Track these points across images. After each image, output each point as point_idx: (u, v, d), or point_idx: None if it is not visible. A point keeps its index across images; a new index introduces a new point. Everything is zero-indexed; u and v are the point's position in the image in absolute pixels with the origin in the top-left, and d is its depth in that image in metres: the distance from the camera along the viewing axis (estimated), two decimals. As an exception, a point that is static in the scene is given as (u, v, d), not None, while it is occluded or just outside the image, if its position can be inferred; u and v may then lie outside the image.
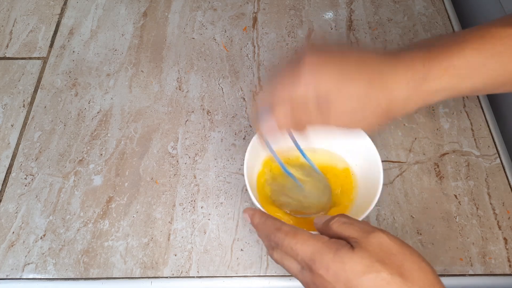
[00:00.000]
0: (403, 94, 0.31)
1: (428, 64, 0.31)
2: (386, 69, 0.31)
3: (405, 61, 0.31)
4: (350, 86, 0.31)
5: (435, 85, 0.31)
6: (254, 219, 0.35)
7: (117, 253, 0.43)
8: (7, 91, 0.55)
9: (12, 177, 0.48)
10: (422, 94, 0.31)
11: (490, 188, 0.46)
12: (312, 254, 0.29)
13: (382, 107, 0.31)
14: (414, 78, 0.31)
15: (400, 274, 0.26)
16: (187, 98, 0.53)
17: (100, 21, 0.61)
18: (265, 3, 0.63)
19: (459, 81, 0.31)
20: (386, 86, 0.31)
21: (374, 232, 0.29)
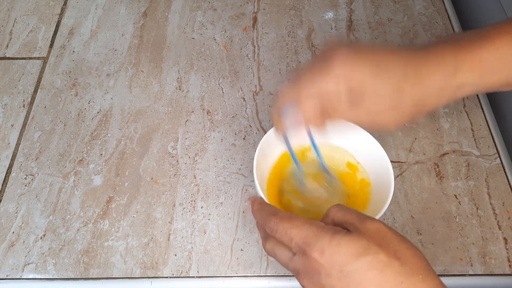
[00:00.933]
0: (436, 87, 0.31)
1: (460, 57, 0.31)
2: (419, 62, 0.31)
3: (436, 53, 0.31)
4: (385, 77, 0.31)
5: (466, 78, 0.31)
6: (253, 206, 0.35)
7: (117, 253, 0.43)
8: (7, 91, 0.55)
9: (12, 177, 0.48)
10: (453, 87, 0.31)
11: (490, 188, 0.46)
12: (306, 237, 0.28)
13: (416, 100, 0.31)
14: (445, 70, 0.31)
15: (397, 258, 0.26)
16: (187, 98, 0.53)
17: (100, 21, 0.61)
18: (265, 3, 0.63)
19: (490, 75, 0.31)
20: (420, 78, 0.31)
21: (370, 219, 0.29)
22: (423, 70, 0.31)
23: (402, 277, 0.26)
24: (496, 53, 0.31)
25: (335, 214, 0.30)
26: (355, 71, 0.31)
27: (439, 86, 0.31)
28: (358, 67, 0.31)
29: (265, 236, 0.33)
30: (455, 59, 0.31)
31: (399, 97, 0.31)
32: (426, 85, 0.31)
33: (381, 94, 0.31)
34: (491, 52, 0.31)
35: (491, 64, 0.31)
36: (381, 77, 0.31)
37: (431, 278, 0.26)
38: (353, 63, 0.31)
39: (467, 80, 0.31)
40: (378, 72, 0.31)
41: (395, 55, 0.32)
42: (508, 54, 0.31)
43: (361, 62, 0.31)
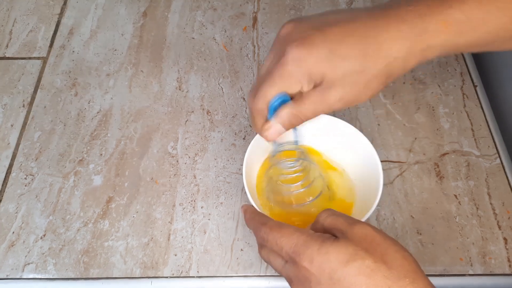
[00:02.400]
0: (401, 53, 0.30)
1: (426, 17, 0.29)
2: (377, 31, 0.30)
3: (397, 16, 0.30)
4: (344, 62, 0.30)
5: (434, 39, 0.29)
6: (245, 215, 0.35)
7: (117, 253, 0.43)
8: (7, 91, 0.55)
9: (12, 177, 0.48)
10: (421, 49, 0.30)
11: (490, 188, 0.46)
12: (296, 247, 0.29)
13: (382, 71, 0.30)
14: (410, 33, 0.29)
15: (384, 262, 0.26)
16: (187, 98, 0.53)
17: (100, 21, 0.61)
18: (265, 3, 0.62)
19: (459, 36, 0.30)
20: (381, 49, 0.30)
21: (359, 223, 0.29)
22: (383, 39, 0.29)
23: (390, 281, 0.26)
24: (464, 13, 0.29)
25: (324, 219, 0.31)
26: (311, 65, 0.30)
27: (403, 52, 0.30)
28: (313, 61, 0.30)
29: (260, 244, 0.33)
30: (421, 20, 0.29)
31: (363, 76, 0.30)
32: (388, 56, 0.30)
33: (343, 78, 0.30)
34: (460, 12, 0.29)
35: (461, 25, 0.29)
36: (339, 63, 0.30)
37: (419, 281, 0.27)
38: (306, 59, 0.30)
39: (436, 42, 0.30)
40: (334, 60, 0.30)
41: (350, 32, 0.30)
42: (476, 16, 0.29)
43: (315, 54, 0.30)
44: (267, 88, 0.31)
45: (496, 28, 0.30)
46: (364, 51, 0.30)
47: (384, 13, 0.30)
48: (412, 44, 0.30)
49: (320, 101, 0.31)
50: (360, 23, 0.30)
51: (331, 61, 0.30)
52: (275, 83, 0.31)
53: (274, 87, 0.31)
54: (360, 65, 0.30)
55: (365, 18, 0.30)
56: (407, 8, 0.30)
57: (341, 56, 0.30)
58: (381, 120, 0.51)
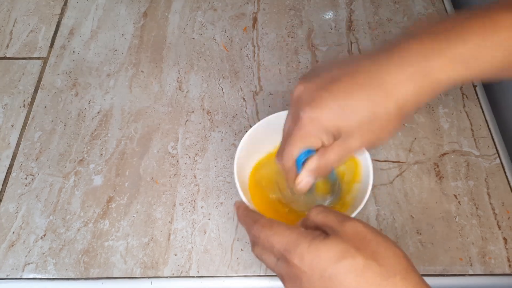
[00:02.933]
0: (410, 94, 0.30)
1: (430, 57, 0.30)
2: (381, 76, 0.31)
3: (400, 58, 0.31)
4: (355, 114, 0.31)
5: (442, 77, 0.30)
6: (238, 212, 0.36)
7: (117, 253, 0.43)
8: (7, 91, 0.55)
9: (13, 177, 0.48)
10: (429, 86, 0.31)
11: (490, 188, 0.46)
12: (287, 244, 0.29)
13: (395, 114, 0.31)
14: (416, 74, 0.30)
15: (375, 259, 0.26)
16: (187, 98, 0.54)
17: (100, 21, 0.61)
18: (265, 3, 0.63)
19: (466, 71, 0.30)
20: (389, 94, 0.30)
21: (350, 220, 0.29)
22: (389, 84, 0.30)
23: (380, 278, 0.26)
24: (470, 49, 0.30)
25: (315, 216, 0.31)
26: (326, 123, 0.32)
27: (411, 91, 0.30)
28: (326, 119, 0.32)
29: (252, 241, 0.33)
30: (425, 60, 0.30)
31: (376, 121, 0.31)
32: (398, 99, 0.31)
33: (359, 127, 0.32)
34: (465, 48, 0.30)
35: (464, 61, 0.30)
36: (350, 114, 0.31)
37: (410, 277, 0.27)
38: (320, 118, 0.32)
39: (443, 77, 0.30)
40: (345, 115, 0.31)
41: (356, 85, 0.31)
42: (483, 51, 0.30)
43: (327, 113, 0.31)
44: (291, 148, 0.34)
45: (501, 60, 0.30)
46: (372, 99, 0.31)
47: (387, 57, 0.31)
48: (420, 84, 0.30)
49: (343, 150, 0.33)
50: (364, 72, 0.31)
51: (343, 115, 0.31)
52: (297, 143, 0.33)
53: (297, 146, 0.33)
54: (371, 113, 0.31)
55: (368, 67, 0.31)
56: (409, 48, 0.31)
57: (350, 109, 0.31)
58: (381, 120, 0.51)
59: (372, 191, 0.46)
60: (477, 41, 0.30)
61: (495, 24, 0.30)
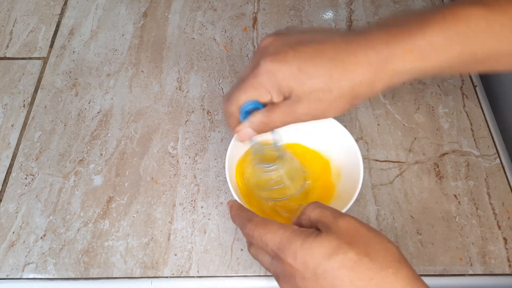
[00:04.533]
0: (366, 78, 0.31)
1: (391, 45, 0.31)
2: (346, 54, 0.31)
3: (366, 42, 0.31)
4: (310, 80, 0.32)
5: (399, 66, 0.31)
6: (232, 211, 0.36)
7: (117, 253, 0.43)
8: (7, 91, 0.55)
9: (12, 177, 0.48)
10: (387, 75, 0.31)
11: (490, 188, 0.46)
12: (280, 243, 0.29)
13: (347, 93, 0.32)
14: (376, 59, 0.31)
15: (367, 254, 0.27)
16: (187, 98, 0.54)
17: (100, 21, 0.61)
18: (265, 3, 0.63)
19: (424, 62, 0.31)
20: (347, 72, 0.31)
21: (344, 216, 0.29)
22: (350, 63, 0.31)
23: (372, 273, 0.26)
24: (428, 40, 0.30)
25: (311, 211, 0.31)
26: (281, 80, 0.32)
27: (368, 76, 0.31)
28: (282, 75, 0.32)
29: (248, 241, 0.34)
30: (387, 47, 0.31)
31: (328, 95, 0.32)
32: (353, 79, 0.31)
33: (309, 94, 0.32)
34: (424, 39, 0.30)
35: (425, 51, 0.31)
36: (307, 80, 0.32)
37: (402, 271, 0.27)
38: (276, 72, 0.32)
39: (401, 68, 0.31)
40: (302, 77, 0.32)
41: (321, 52, 0.32)
42: (440, 42, 0.30)
43: (286, 70, 0.32)
44: (239, 94, 0.34)
45: (458, 53, 0.31)
46: (330, 72, 0.31)
47: (356, 38, 0.32)
48: (377, 70, 0.31)
49: (288, 113, 0.34)
50: (332, 45, 0.32)
51: (299, 78, 0.32)
52: (247, 91, 0.34)
53: (245, 94, 0.34)
54: (326, 84, 0.32)
55: (337, 41, 0.32)
56: (376, 35, 0.32)
57: (308, 74, 0.32)
58: (380, 120, 0.51)
59: (372, 191, 0.46)
60: (435, 33, 0.30)
61: (454, 18, 0.30)
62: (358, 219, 0.30)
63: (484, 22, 0.30)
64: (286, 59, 0.32)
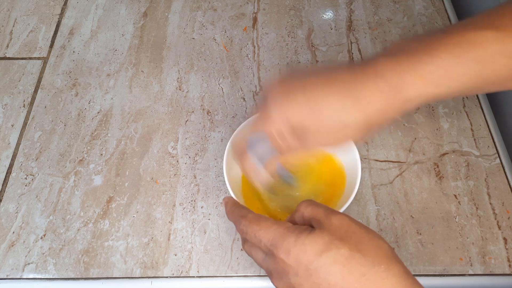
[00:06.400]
0: (378, 106, 0.31)
1: (401, 73, 0.30)
2: (355, 85, 0.31)
3: (375, 72, 0.31)
4: (321, 112, 0.31)
5: (412, 93, 0.31)
6: (226, 208, 0.36)
7: (117, 253, 0.43)
8: (7, 91, 0.55)
9: (12, 177, 0.48)
10: (399, 102, 0.31)
11: (490, 188, 0.46)
12: (273, 239, 0.29)
13: (361, 123, 0.32)
14: (387, 88, 0.30)
15: (359, 250, 0.27)
16: (187, 98, 0.54)
17: (100, 21, 0.61)
18: (265, 3, 0.63)
19: (437, 88, 0.31)
20: (359, 103, 0.31)
21: (337, 214, 0.30)
22: (360, 92, 0.31)
23: (364, 268, 0.27)
24: (441, 68, 0.30)
25: (304, 209, 0.31)
26: (290, 112, 0.32)
27: (381, 105, 0.31)
28: (291, 108, 0.32)
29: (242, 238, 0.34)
30: (397, 76, 0.30)
31: (341, 126, 0.32)
32: (366, 110, 0.31)
33: (322, 127, 0.32)
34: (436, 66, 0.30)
35: (435, 78, 0.30)
36: (317, 117, 0.32)
37: (394, 266, 0.27)
38: (286, 104, 0.32)
39: (413, 94, 0.31)
40: (313, 113, 0.32)
41: (329, 83, 0.32)
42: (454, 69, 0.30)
43: (294, 101, 0.32)
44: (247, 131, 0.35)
45: (473, 78, 0.30)
46: (342, 106, 0.31)
47: (363, 69, 0.32)
48: (390, 98, 0.31)
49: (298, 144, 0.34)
50: (340, 79, 0.32)
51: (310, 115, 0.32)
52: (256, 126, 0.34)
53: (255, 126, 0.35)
54: (338, 119, 0.31)
55: (345, 75, 0.32)
56: (384, 64, 0.31)
57: (319, 111, 0.32)
58: (381, 120, 0.51)
59: (372, 191, 0.46)
60: (448, 59, 0.30)
61: (466, 42, 0.30)
62: (350, 216, 0.30)
63: (499, 45, 0.30)
64: (295, 99, 0.32)
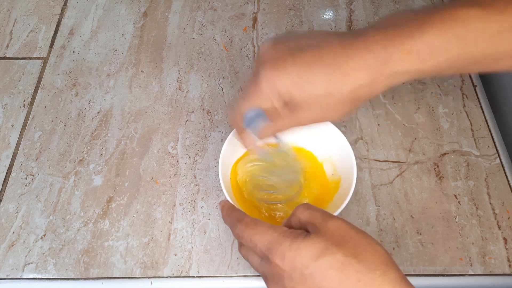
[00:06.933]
0: (365, 81, 0.31)
1: (389, 47, 0.31)
2: (344, 58, 0.31)
3: (364, 45, 0.31)
4: (310, 86, 0.32)
5: (398, 68, 0.31)
6: (223, 211, 0.36)
7: (117, 253, 0.43)
8: (7, 91, 0.55)
9: (13, 177, 0.48)
10: (386, 77, 0.31)
11: (490, 188, 0.46)
12: (269, 244, 0.29)
13: (348, 97, 0.32)
14: (375, 62, 0.31)
15: (355, 255, 0.27)
16: (187, 98, 0.54)
17: (100, 21, 0.61)
18: (265, 3, 0.63)
19: (422, 63, 0.31)
20: (347, 76, 0.31)
21: (333, 218, 0.29)
22: (349, 66, 0.31)
23: (360, 274, 0.26)
24: (426, 42, 0.30)
25: (301, 213, 0.31)
26: (281, 85, 0.32)
27: (368, 79, 0.31)
28: (282, 82, 0.32)
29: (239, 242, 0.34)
30: (385, 49, 0.31)
31: (329, 99, 0.32)
32: (353, 83, 0.31)
33: (311, 100, 0.32)
34: (422, 41, 0.30)
35: (423, 53, 0.30)
36: (306, 85, 0.32)
37: (390, 272, 0.27)
38: (277, 77, 0.32)
39: (400, 69, 0.31)
40: (301, 84, 0.32)
41: (319, 57, 0.32)
42: (438, 44, 0.30)
43: (284, 76, 0.32)
44: (241, 102, 0.35)
45: (456, 54, 0.31)
46: (329, 77, 0.32)
47: (353, 42, 0.32)
48: (377, 72, 0.31)
49: (290, 118, 0.34)
50: (330, 50, 0.32)
51: (298, 84, 0.32)
52: (248, 99, 0.34)
53: (247, 101, 0.35)
54: (325, 90, 0.32)
55: (335, 45, 0.32)
56: (373, 38, 0.31)
57: (307, 80, 0.32)
58: (380, 120, 0.51)
59: (372, 191, 0.46)
60: (434, 35, 0.30)
61: (452, 19, 0.30)
62: (347, 221, 0.30)
63: (481, 23, 0.30)
64: (285, 66, 0.32)
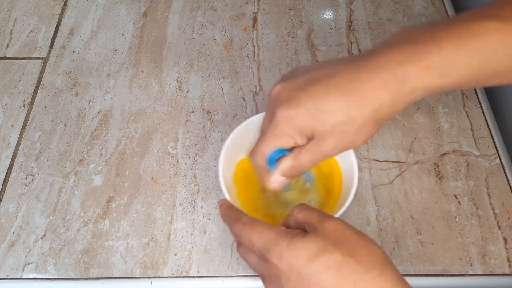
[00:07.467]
0: (386, 99, 0.31)
1: (405, 63, 0.30)
2: (359, 81, 0.31)
3: (378, 64, 0.31)
4: (330, 114, 0.31)
5: (418, 83, 0.30)
6: (221, 210, 0.36)
7: (117, 253, 0.43)
8: (7, 91, 0.55)
9: (12, 177, 0.48)
10: (406, 93, 0.31)
11: (490, 188, 0.46)
12: (266, 243, 0.29)
13: (370, 118, 0.31)
14: (392, 79, 0.30)
15: (352, 256, 0.27)
16: (187, 98, 0.54)
17: (100, 21, 0.61)
18: (265, 3, 0.63)
19: (443, 78, 0.30)
20: (365, 98, 0.31)
21: (330, 218, 0.29)
22: (366, 88, 0.30)
23: (357, 274, 0.26)
24: (444, 58, 0.30)
25: (298, 213, 0.31)
26: (301, 123, 0.32)
27: (388, 98, 0.31)
28: (301, 119, 0.32)
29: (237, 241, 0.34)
30: (401, 66, 0.30)
31: (351, 125, 0.31)
32: (373, 104, 0.31)
33: (332, 130, 0.32)
34: (440, 56, 0.29)
35: (442, 69, 0.30)
36: (326, 118, 0.31)
37: (387, 272, 0.27)
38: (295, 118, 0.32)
39: (419, 86, 0.30)
40: (321, 116, 0.31)
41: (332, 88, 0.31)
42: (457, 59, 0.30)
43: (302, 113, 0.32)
44: (262, 145, 0.34)
45: (477, 68, 0.30)
46: (347, 102, 0.31)
47: (364, 64, 0.31)
48: (396, 90, 0.30)
49: (316, 152, 0.33)
50: (341, 77, 0.32)
51: (318, 117, 0.31)
52: (269, 141, 0.34)
53: (268, 144, 0.34)
54: (346, 116, 0.31)
55: (346, 71, 0.32)
56: (386, 56, 0.31)
57: (326, 111, 0.31)
58: (381, 120, 0.51)
59: (372, 191, 0.46)
60: (452, 49, 0.30)
61: (470, 32, 0.30)
62: (344, 221, 0.30)
63: (502, 36, 0.29)
64: (300, 103, 0.32)
